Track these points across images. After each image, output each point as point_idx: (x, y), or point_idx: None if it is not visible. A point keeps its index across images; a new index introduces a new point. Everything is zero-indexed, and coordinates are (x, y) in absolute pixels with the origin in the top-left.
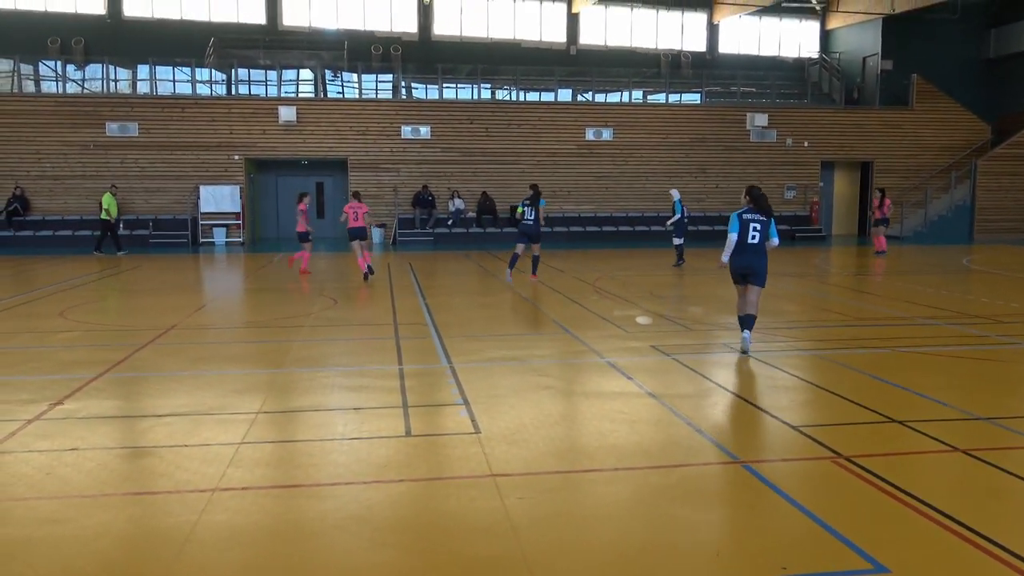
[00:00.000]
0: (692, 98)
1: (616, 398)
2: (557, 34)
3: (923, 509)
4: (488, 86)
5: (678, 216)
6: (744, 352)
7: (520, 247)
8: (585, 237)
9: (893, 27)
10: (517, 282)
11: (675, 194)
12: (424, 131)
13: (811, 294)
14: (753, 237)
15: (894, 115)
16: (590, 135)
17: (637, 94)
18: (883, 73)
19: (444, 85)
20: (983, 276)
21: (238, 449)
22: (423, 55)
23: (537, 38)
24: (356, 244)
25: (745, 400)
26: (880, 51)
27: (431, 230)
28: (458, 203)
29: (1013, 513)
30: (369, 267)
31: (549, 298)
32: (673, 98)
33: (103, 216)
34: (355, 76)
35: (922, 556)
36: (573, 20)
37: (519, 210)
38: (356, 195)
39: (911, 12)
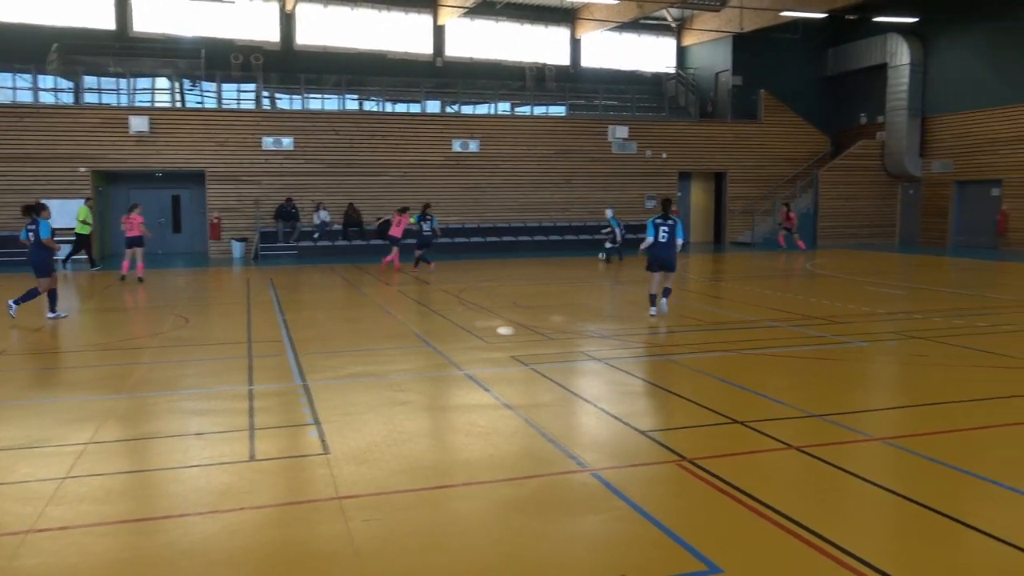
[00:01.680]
0: (557, 110)
1: (473, 411)
2: (423, 46)
3: (759, 508)
4: (355, 97)
5: (616, 232)
6: (656, 314)
7: (417, 252)
8: (452, 248)
9: (742, 45)
10: (381, 295)
11: (609, 212)
12: (287, 142)
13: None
14: (663, 236)
15: (744, 128)
16: (457, 146)
17: (503, 106)
18: (734, 88)
19: (308, 95)
20: (824, 280)
21: (61, 484)
22: (286, 64)
23: (403, 49)
24: (133, 251)
25: (599, 407)
26: (731, 67)
27: (295, 244)
28: (323, 215)
29: (844, 509)
30: (139, 278)
31: (413, 310)
32: (539, 110)
33: (80, 230)
34: (214, 85)
35: (756, 554)
36: (439, 32)
37: (413, 221)
38: (134, 207)
39: (758, 31)
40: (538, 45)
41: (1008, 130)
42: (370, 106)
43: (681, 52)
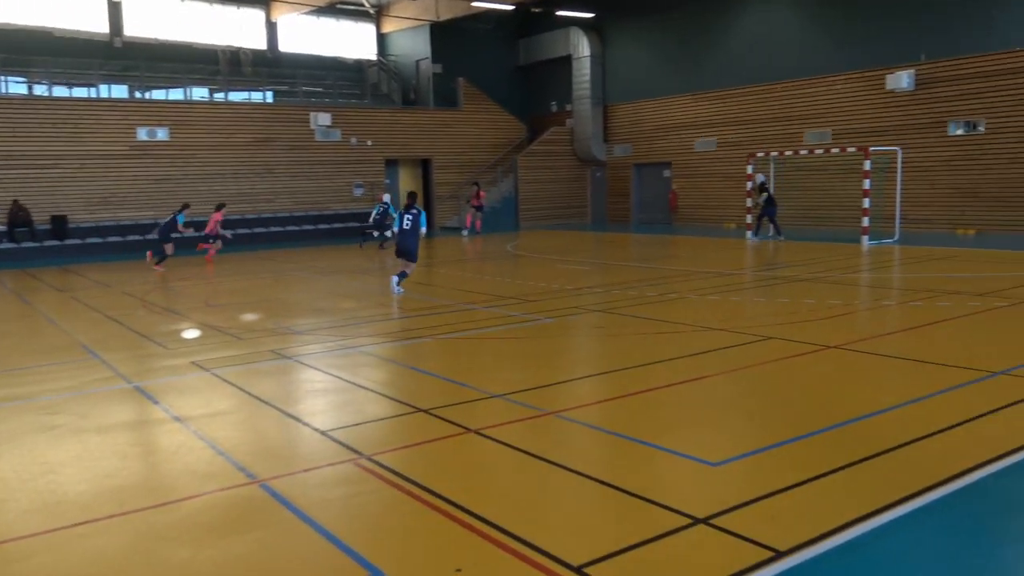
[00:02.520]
0: (256, 96)
1: (136, 429)
2: (97, 23)
3: (432, 500)
4: (23, 79)
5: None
6: (396, 293)
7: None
8: (140, 246)
9: (440, 33)
10: (47, 303)
11: (387, 197)
12: None
13: (368, 291)
14: (407, 225)
15: (446, 115)
16: (143, 135)
17: (199, 91)
18: (434, 76)
19: None
20: (521, 260)
21: None
22: None
23: (73, 27)
24: None
25: (280, 410)
26: (431, 55)
27: None
28: None
29: (510, 491)
30: None
31: (84, 318)
32: (236, 96)
33: None
34: None
35: (424, 552)
36: (115, 9)
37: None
38: None
39: (453, 20)
40: (232, 27)
41: (675, 117)
42: (40, 90)
43: (381, 39)
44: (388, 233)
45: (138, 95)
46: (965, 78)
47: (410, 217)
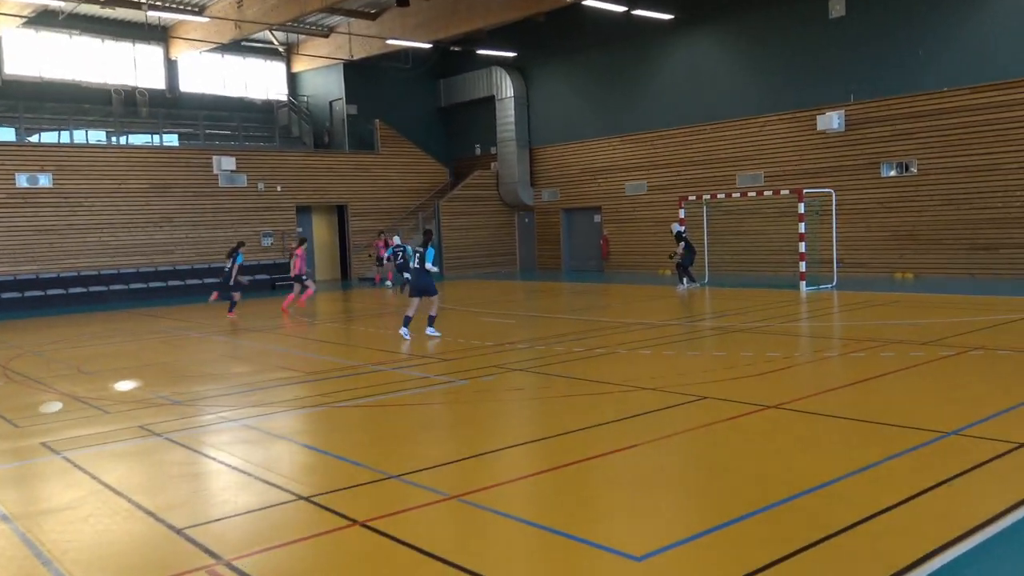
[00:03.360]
0: (152, 139)
1: None
2: None
3: None
4: None
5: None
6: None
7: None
8: (24, 304)
9: (354, 73)
10: None
11: (396, 239)
12: None
13: (267, 352)
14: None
15: (363, 159)
16: (23, 181)
17: (92, 134)
18: (349, 118)
19: None
20: (443, 313)
21: None
22: None
23: None
24: None
25: (134, 503)
26: (344, 96)
27: None
28: None
29: None
30: None
31: None
32: (134, 139)
33: None
34: None
35: None
36: None
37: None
38: None
39: (368, 60)
40: (126, 65)
41: (604, 160)
42: None
43: (292, 78)
44: (407, 275)
45: (16, 138)
46: (895, 118)
47: (416, 258)
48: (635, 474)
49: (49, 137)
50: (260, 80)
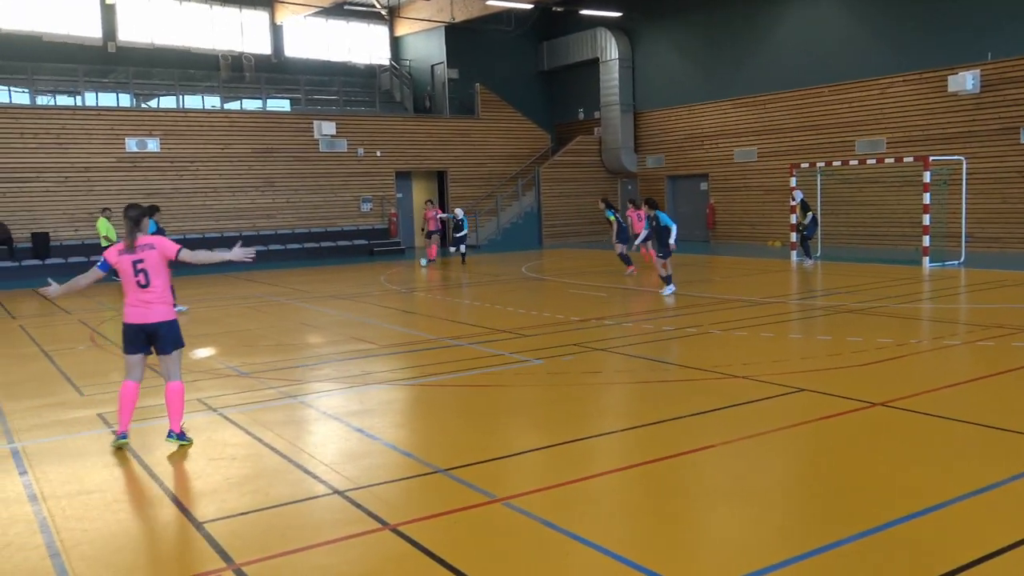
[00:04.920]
0: (257, 104)
1: None
2: (90, 28)
3: None
4: (3, 87)
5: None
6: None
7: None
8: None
9: (456, 36)
10: None
11: (460, 212)
12: None
13: (346, 322)
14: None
15: (463, 124)
16: (132, 146)
17: (198, 99)
18: (450, 82)
19: None
20: (531, 284)
21: None
22: None
23: (65, 32)
24: None
25: (165, 488)
26: (446, 59)
27: None
28: None
29: None
30: None
31: (14, 352)
32: (236, 104)
33: (104, 244)
34: None
35: None
36: (109, 12)
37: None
38: None
39: (471, 22)
40: (234, 31)
41: (712, 125)
42: (21, 98)
43: (395, 42)
44: (463, 247)
45: (128, 103)
46: None
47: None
48: (710, 481)
49: (163, 102)
50: (363, 44)
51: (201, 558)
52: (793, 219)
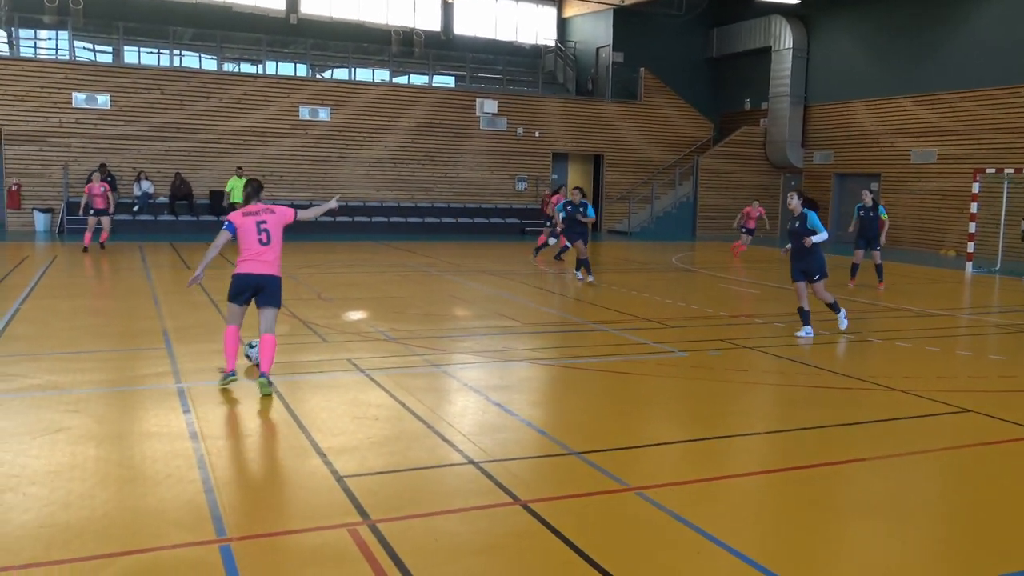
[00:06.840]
0: (423, 80)
1: (141, 443)
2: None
3: None
4: (196, 54)
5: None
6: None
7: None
8: (302, 229)
9: (624, 19)
10: (165, 281)
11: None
12: (102, 100)
13: (493, 299)
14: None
15: (624, 108)
16: (305, 114)
17: (365, 72)
18: (615, 65)
19: (136, 48)
20: (681, 275)
21: None
22: (104, 10)
23: (251, 2)
24: None
25: (312, 440)
26: (612, 43)
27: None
28: (145, 186)
29: None
30: None
31: (188, 301)
32: (404, 79)
33: (232, 201)
34: (9, 32)
35: None
36: None
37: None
38: None
39: (640, 5)
40: (407, 7)
41: (888, 122)
42: (209, 64)
43: (562, 24)
44: (553, 240)
45: (304, 72)
46: None
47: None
48: (851, 498)
49: (336, 74)
50: (530, 24)
51: (340, 511)
52: (973, 227)
